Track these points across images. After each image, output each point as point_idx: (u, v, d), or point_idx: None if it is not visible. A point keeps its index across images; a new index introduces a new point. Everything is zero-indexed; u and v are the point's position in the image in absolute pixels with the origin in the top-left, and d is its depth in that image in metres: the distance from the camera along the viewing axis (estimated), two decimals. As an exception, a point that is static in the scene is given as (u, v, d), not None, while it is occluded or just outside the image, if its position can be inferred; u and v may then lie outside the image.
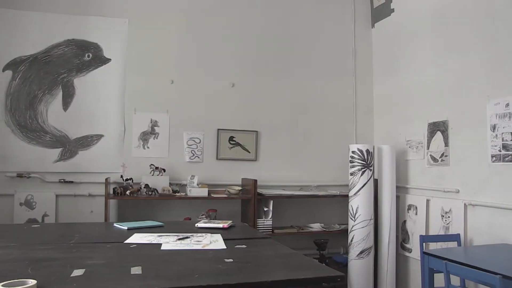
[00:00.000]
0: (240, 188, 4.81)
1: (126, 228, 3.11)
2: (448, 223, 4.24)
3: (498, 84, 3.77)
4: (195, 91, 5.04)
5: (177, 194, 4.61)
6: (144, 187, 4.49)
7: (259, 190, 4.77)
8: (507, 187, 3.65)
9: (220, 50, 5.15)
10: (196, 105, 5.04)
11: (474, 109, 4.00)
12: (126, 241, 2.64)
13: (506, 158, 3.65)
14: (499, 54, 3.77)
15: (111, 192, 4.49)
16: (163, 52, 4.98)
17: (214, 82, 5.10)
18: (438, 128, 4.46)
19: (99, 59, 4.78)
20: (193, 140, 5.00)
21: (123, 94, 4.83)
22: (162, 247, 2.48)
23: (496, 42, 3.81)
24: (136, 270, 1.94)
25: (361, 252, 4.57)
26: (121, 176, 4.59)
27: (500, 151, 3.71)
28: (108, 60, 4.80)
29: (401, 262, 4.89)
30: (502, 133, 3.70)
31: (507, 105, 3.66)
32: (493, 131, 3.78)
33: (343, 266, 4.77)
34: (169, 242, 2.62)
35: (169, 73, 4.97)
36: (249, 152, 5.16)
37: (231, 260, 2.17)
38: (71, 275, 1.84)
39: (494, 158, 3.78)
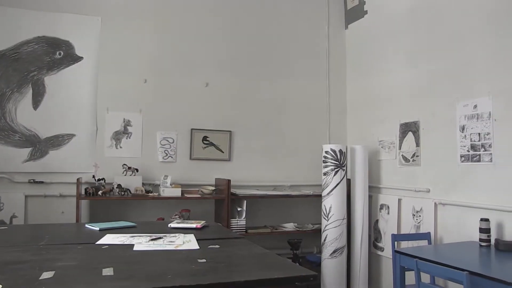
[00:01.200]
0: (213, 188, 4.80)
1: (98, 228, 3.07)
2: (419, 222, 4.32)
3: (467, 86, 3.86)
4: (168, 90, 5.01)
5: (150, 194, 4.57)
6: (116, 187, 4.44)
7: (232, 190, 4.77)
8: (474, 186, 3.75)
9: (194, 49, 5.13)
10: (170, 104, 5.00)
11: (444, 110, 4.09)
12: (98, 242, 2.60)
13: (474, 158, 3.74)
14: (468, 56, 3.87)
15: (83, 192, 4.42)
16: (136, 51, 4.93)
17: (188, 82, 5.08)
18: (409, 128, 4.54)
19: (71, 57, 4.70)
20: (167, 140, 4.96)
21: (95, 93, 4.76)
22: (135, 248, 2.45)
23: (465, 46, 3.90)
24: (107, 271, 1.92)
25: (334, 252, 4.61)
26: (93, 176, 4.52)
27: (468, 151, 3.80)
28: (80, 58, 4.73)
29: (373, 260, 4.95)
30: (470, 134, 3.79)
31: (475, 106, 3.75)
32: (462, 132, 3.87)
33: (317, 265, 4.81)
34: (141, 242, 2.59)
35: (142, 72, 4.92)
36: (223, 152, 5.15)
37: (204, 260, 2.16)
38: (40, 278, 1.80)
39: (463, 158, 3.87)
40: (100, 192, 4.34)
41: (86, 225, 3.25)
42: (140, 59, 4.93)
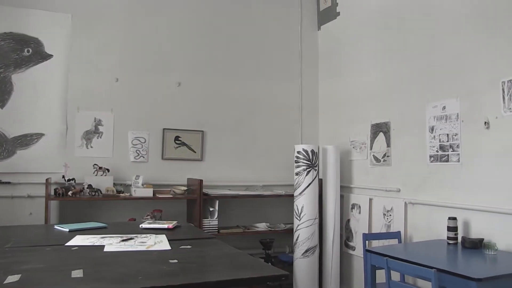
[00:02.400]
0: (185, 188, 4.77)
1: (67, 230, 3.02)
2: (389, 221, 4.38)
3: (436, 87, 3.94)
4: (140, 90, 4.95)
5: (121, 194, 4.52)
6: (87, 188, 4.37)
7: (204, 190, 4.75)
8: (443, 186, 3.83)
9: (166, 49, 5.09)
10: (142, 104, 4.95)
11: (414, 111, 4.16)
12: (67, 244, 2.56)
13: (443, 158, 3.83)
14: (438, 59, 3.95)
15: (52, 193, 4.33)
16: (108, 49, 4.85)
17: (160, 81, 5.03)
18: (380, 129, 4.61)
19: (40, 55, 4.60)
20: (138, 140, 4.91)
21: (65, 92, 4.67)
22: (105, 249, 2.42)
23: (435, 48, 3.98)
24: (77, 273, 1.89)
25: (306, 251, 4.64)
26: (63, 177, 4.43)
27: (437, 151, 3.88)
28: (49, 56, 4.63)
29: (345, 259, 5.00)
30: (439, 135, 3.87)
31: (444, 108, 3.83)
32: (431, 133, 3.95)
33: (289, 265, 4.83)
34: (112, 243, 2.56)
35: (114, 71, 4.85)
36: (195, 152, 5.12)
37: (176, 260, 2.15)
38: (5, 282, 1.75)
39: (432, 158, 3.95)
40: (70, 193, 4.26)
41: (55, 226, 3.20)
42: (111, 58, 4.86)
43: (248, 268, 2.09)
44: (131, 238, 2.72)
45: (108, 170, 4.59)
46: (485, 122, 3.45)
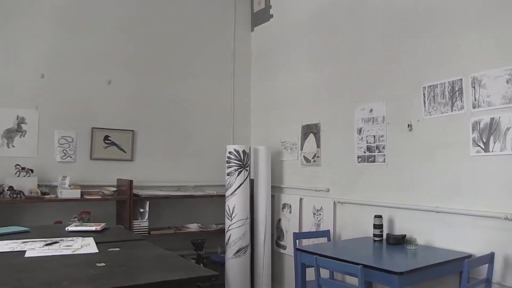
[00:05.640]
0: (115, 189, 4.64)
1: (-17, 235, 2.84)
2: (319, 220, 4.50)
3: (364, 91, 4.10)
4: (68, 87, 4.75)
5: (46, 196, 4.32)
6: (7, 190, 4.13)
7: (135, 191, 4.65)
8: (369, 185, 4.00)
9: (96, 45, 4.92)
10: (69, 102, 4.75)
11: (343, 114, 4.30)
12: (-17, 250, 2.40)
13: (370, 159, 3.98)
14: (366, 63, 4.11)
15: (-32, 195, 4.07)
16: (32, 42, 4.61)
17: (89, 79, 4.86)
18: (311, 130, 4.72)
19: (-45, 48, 4.30)
20: (65, 139, 4.71)
21: (-17, 87, 4.39)
22: (26, 255, 2.30)
23: (363, 53, 4.14)
24: (-7, 281, 1.78)
25: (238, 251, 4.66)
26: (-20, 178, 4.17)
27: (365, 152, 4.04)
28: (-35, 48, 4.34)
29: (276, 259, 5.08)
30: (366, 136, 4.03)
31: (371, 110, 3.99)
32: (359, 134, 4.10)
33: (221, 265, 4.83)
34: (35, 248, 2.44)
35: (39, 66, 4.62)
36: (125, 152, 5.00)
37: (103, 264, 2.08)
38: None
39: (359, 159, 4.10)
40: (-12, 195, 4.02)
41: (-30, 232, 2.99)
42: (37, 52, 4.62)
43: (178, 270, 2.07)
44: (56, 242, 2.60)
45: (32, 170, 4.37)
46: (408, 125, 3.64)
